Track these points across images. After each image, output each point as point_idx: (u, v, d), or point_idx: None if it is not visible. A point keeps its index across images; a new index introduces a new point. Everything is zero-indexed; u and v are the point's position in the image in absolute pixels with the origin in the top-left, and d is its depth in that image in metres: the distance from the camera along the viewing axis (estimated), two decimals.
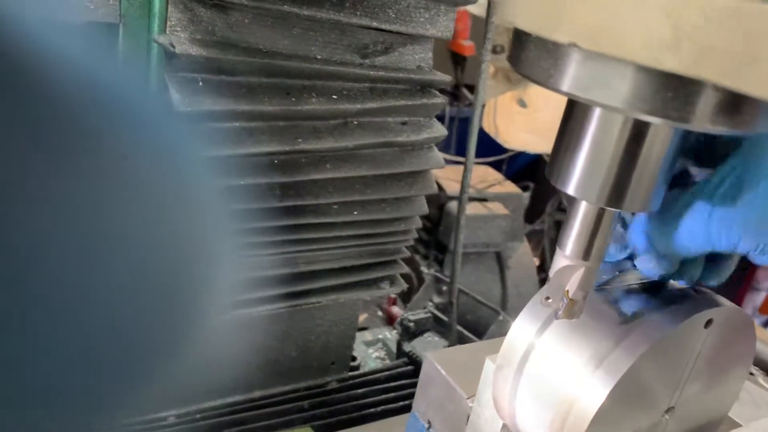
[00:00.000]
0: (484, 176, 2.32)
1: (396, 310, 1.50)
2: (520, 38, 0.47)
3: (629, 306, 0.60)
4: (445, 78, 0.98)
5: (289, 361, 1.19)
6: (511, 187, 2.30)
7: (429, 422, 0.81)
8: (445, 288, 1.51)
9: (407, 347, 1.38)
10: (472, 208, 2.16)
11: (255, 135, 0.86)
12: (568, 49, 0.42)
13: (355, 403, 1.23)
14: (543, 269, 2.76)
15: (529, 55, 0.46)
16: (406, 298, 1.72)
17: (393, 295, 1.58)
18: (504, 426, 0.69)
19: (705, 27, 0.37)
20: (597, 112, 0.47)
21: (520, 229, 2.30)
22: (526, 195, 3.26)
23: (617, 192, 0.49)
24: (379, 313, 1.61)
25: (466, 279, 2.22)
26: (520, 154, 3.13)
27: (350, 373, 1.30)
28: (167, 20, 0.80)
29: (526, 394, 0.62)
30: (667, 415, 0.62)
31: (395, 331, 1.48)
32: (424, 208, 1.05)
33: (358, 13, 0.88)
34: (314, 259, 1.01)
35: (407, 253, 1.11)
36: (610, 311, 0.60)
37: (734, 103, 0.41)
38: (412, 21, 0.93)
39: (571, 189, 0.50)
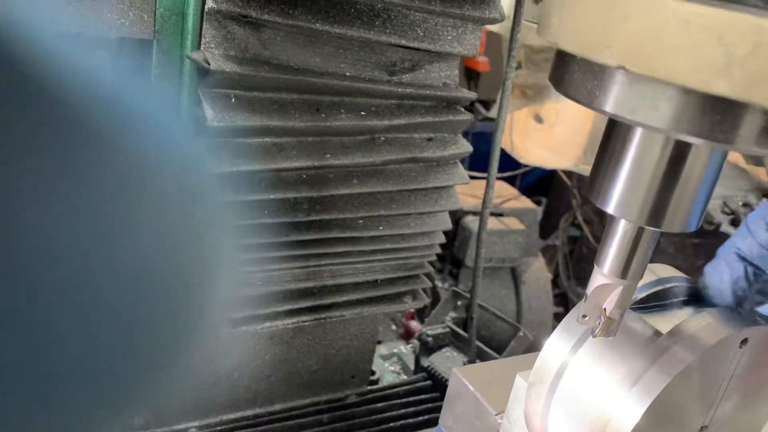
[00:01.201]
0: (500, 191, 2.32)
1: (414, 324, 1.51)
2: (563, 59, 0.48)
3: (664, 324, 0.60)
4: (471, 95, 0.99)
5: (310, 373, 1.20)
6: (526, 202, 2.30)
7: None
8: (460, 303, 1.52)
9: (425, 362, 1.38)
10: (488, 224, 2.16)
11: (285, 150, 0.88)
12: (614, 71, 0.43)
13: (374, 417, 1.23)
14: (556, 284, 2.76)
15: (573, 77, 0.47)
16: (421, 313, 1.73)
17: (412, 310, 1.59)
18: None
19: (756, 53, 0.37)
20: (639, 133, 0.48)
21: (534, 244, 2.30)
22: (540, 210, 3.26)
23: (657, 211, 0.49)
24: (393, 327, 1.61)
25: (481, 294, 2.22)
26: (533, 169, 3.14)
27: (369, 387, 1.30)
28: (202, 37, 0.82)
29: (559, 412, 0.62)
30: None
31: (410, 346, 1.48)
32: (448, 224, 1.06)
33: (388, 31, 0.89)
34: (339, 273, 1.02)
35: (429, 268, 1.11)
36: (646, 329, 0.60)
37: None
38: (440, 39, 0.94)
39: (611, 207, 0.51)
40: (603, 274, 0.54)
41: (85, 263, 0.22)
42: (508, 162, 2.38)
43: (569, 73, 0.47)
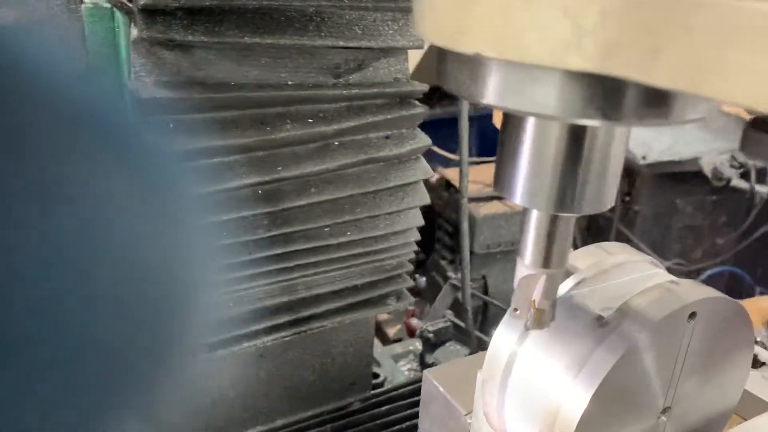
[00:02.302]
0: None
1: (415, 322, 1.49)
2: (438, 52, 0.46)
3: (608, 305, 0.57)
4: (422, 87, 0.96)
5: (308, 386, 1.19)
6: None
7: None
8: (459, 294, 1.49)
9: (430, 359, 1.36)
10: (492, 207, 2.13)
11: (234, 168, 0.87)
12: (479, 59, 0.41)
13: (379, 421, 1.22)
14: None
15: (447, 69, 0.44)
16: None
17: (410, 308, 1.57)
18: None
19: (605, 23, 0.35)
20: (530, 120, 0.46)
21: None
22: None
23: (565, 197, 0.47)
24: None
25: (495, 279, 2.19)
26: None
27: (373, 392, 1.28)
28: (132, 66, 0.81)
29: (513, 407, 0.60)
30: (663, 416, 0.59)
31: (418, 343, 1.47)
32: (419, 220, 1.04)
33: (323, 34, 0.88)
34: (313, 284, 1.01)
35: (410, 267, 1.09)
36: (589, 313, 0.57)
37: (656, 96, 0.39)
38: (381, 35, 0.92)
39: (518, 198, 0.48)
40: (525, 265, 0.52)
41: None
42: None
43: (444, 66, 0.45)
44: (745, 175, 1.98)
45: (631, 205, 2.46)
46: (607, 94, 0.39)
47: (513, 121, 0.47)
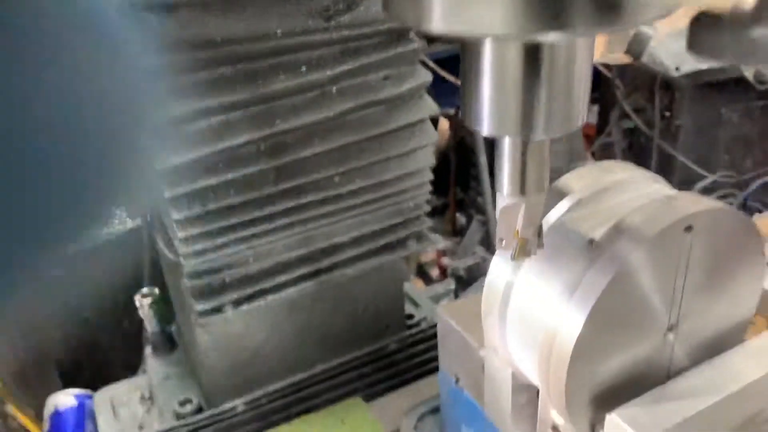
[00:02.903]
0: None
1: (447, 261, 1.48)
2: None
3: (600, 225, 0.55)
4: None
5: (344, 332, 1.21)
6: None
7: (456, 376, 0.79)
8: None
9: (463, 296, 1.36)
10: None
11: (232, 126, 0.86)
12: None
13: (416, 360, 1.23)
14: None
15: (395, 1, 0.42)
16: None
17: (439, 248, 1.57)
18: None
19: None
20: (484, 45, 0.43)
21: (580, 148, 2.19)
22: (594, 108, 3.09)
23: (532, 119, 0.45)
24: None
25: None
26: None
27: (409, 332, 1.30)
28: None
29: (513, 337, 0.60)
30: (670, 333, 0.58)
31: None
32: (430, 159, 1.02)
33: None
34: (331, 234, 1.01)
35: (427, 208, 1.08)
36: (581, 237, 0.56)
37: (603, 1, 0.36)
38: None
39: (485, 129, 0.47)
40: (503, 195, 0.51)
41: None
42: None
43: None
44: None
45: (672, 120, 2.36)
46: (552, 3, 0.36)
47: (469, 49, 0.45)
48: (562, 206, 0.59)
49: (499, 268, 0.59)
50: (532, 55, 0.43)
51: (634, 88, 2.50)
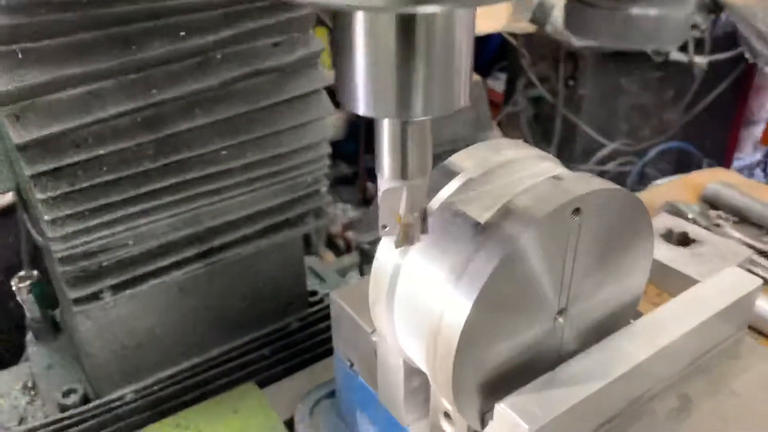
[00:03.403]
0: None
1: (351, 235, 1.45)
2: None
3: (488, 207, 0.53)
4: None
5: (241, 312, 1.15)
6: None
7: (350, 361, 0.76)
8: None
9: (368, 271, 1.33)
10: None
11: (102, 97, 0.78)
12: None
13: (319, 338, 1.20)
14: None
15: None
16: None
17: (345, 221, 1.53)
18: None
19: None
20: (355, 18, 0.39)
21: (486, 117, 2.20)
22: (501, 76, 3.12)
23: (410, 99, 0.41)
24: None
25: None
26: (488, 39, 2.98)
27: (311, 309, 1.26)
28: None
29: (401, 323, 0.57)
30: (560, 317, 0.56)
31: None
32: (326, 131, 0.97)
33: None
34: (219, 212, 0.95)
35: (326, 182, 1.04)
36: (468, 219, 0.53)
37: None
38: None
39: (362, 109, 0.42)
40: (385, 179, 0.47)
41: None
42: None
43: None
44: (684, 48, 1.92)
45: (576, 89, 2.41)
46: None
47: (339, 20, 0.40)
48: (451, 186, 0.56)
49: (386, 252, 0.56)
50: (407, 27, 0.38)
51: (539, 57, 2.53)
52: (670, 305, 0.64)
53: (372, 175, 2.51)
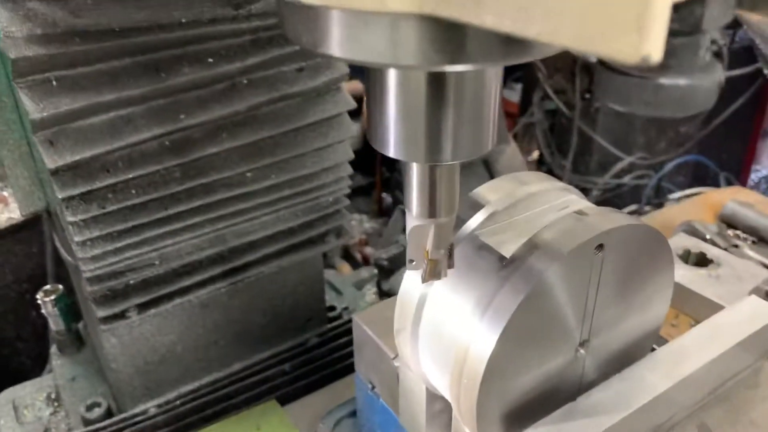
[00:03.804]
0: None
1: (369, 250, 1.46)
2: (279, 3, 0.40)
3: (513, 240, 0.54)
4: None
5: (262, 328, 1.17)
6: None
7: (371, 383, 0.78)
8: None
9: (386, 286, 1.35)
10: None
11: (133, 121, 0.80)
12: (314, 9, 0.35)
13: (337, 354, 1.21)
14: (543, 162, 2.68)
15: (291, 20, 0.39)
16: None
17: (362, 237, 1.54)
18: None
19: None
20: (389, 72, 0.41)
21: (503, 129, 2.21)
22: (517, 87, 3.12)
23: (439, 145, 0.42)
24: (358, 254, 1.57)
25: None
26: None
27: (330, 325, 1.27)
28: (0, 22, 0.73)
29: (425, 353, 0.58)
30: (582, 349, 0.57)
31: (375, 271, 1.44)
32: (348, 153, 0.99)
33: None
34: (243, 232, 0.97)
35: (346, 202, 1.05)
36: (494, 253, 0.54)
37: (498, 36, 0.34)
38: None
39: (392, 152, 0.44)
40: (413, 216, 0.48)
41: None
42: None
43: (287, 16, 0.39)
44: None
45: (591, 102, 2.41)
46: (454, 36, 0.34)
47: (374, 74, 0.42)
48: (477, 219, 0.57)
49: (412, 282, 0.57)
50: (437, 82, 0.40)
51: (555, 69, 2.54)
52: (691, 334, 0.65)
53: (388, 186, 2.52)
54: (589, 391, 0.58)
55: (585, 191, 2.38)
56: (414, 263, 0.50)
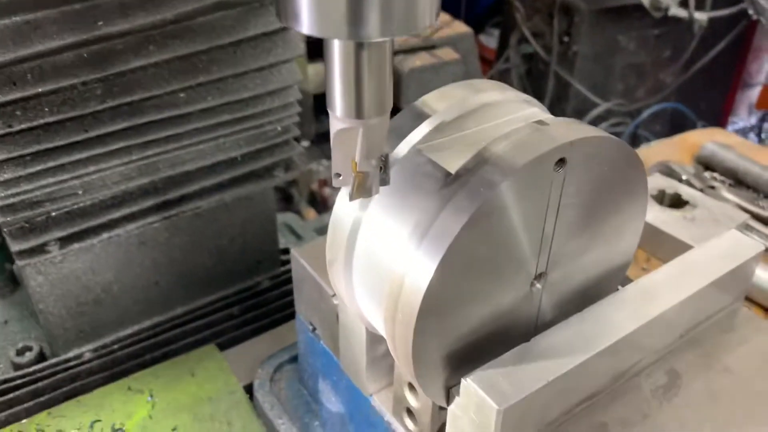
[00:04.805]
0: None
1: (329, 191, 1.38)
2: None
3: (461, 154, 0.46)
4: None
5: (207, 270, 1.09)
6: (459, 27, 2.08)
7: (312, 324, 0.70)
8: None
9: None
10: (419, 59, 1.98)
11: (42, 27, 0.70)
12: None
13: (289, 298, 1.14)
14: None
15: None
16: None
17: (322, 177, 1.46)
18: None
19: None
20: None
21: (477, 73, 2.11)
22: (495, 32, 3.01)
23: (362, 14, 0.33)
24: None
25: None
26: None
27: (284, 268, 1.19)
28: None
29: (359, 285, 0.50)
30: (538, 283, 0.50)
31: None
32: (296, 74, 0.89)
33: None
34: (178, 161, 0.87)
35: (296, 132, 0.96)
36: (437, 169, 0.46)
37: None
38: None
39: (305, 26, 0.35)
40: (337, 117, 0.39)
41: None
42: None
43: None
44: (684, 3, 1.84)
45: (570, 45, 2.32)
46: None
47: None
48: (420, 131, 0.49)
49: (345, 206, 0.49)
50: None
51: (534, 10, 2.44)
52: (662, 271, 0.58)
53: None
54: (545, 331, 0.50)
55: None
56: (340, 178, 0.42)
